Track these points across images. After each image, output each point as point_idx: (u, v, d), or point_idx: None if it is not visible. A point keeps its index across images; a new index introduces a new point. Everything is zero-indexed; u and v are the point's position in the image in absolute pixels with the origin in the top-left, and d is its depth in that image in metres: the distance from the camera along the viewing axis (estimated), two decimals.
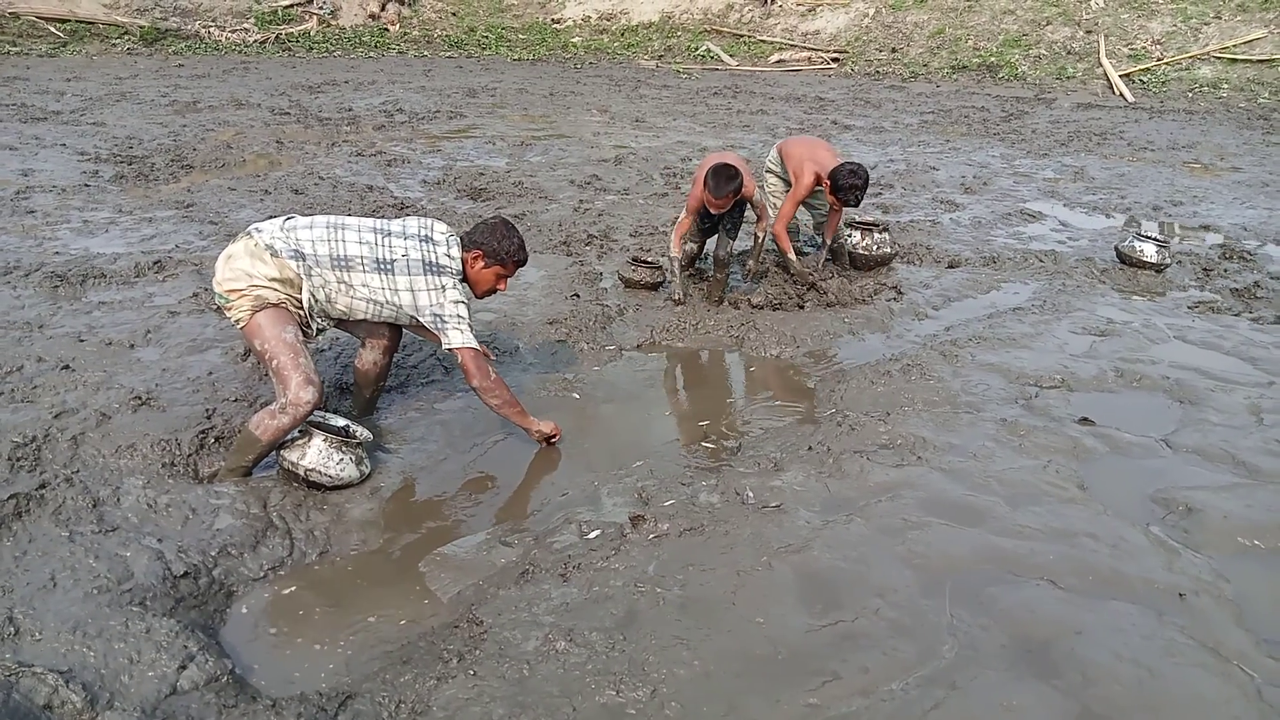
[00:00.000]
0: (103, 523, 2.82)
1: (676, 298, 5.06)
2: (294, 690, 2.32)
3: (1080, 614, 2.60)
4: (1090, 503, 3.18)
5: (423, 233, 3.29)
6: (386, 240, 3.24)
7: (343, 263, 3.19)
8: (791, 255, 5.31)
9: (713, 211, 4.81)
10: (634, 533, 2.93)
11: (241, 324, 3.16)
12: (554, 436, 3.58)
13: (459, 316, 3.26)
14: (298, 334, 3.18)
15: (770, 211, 5.59)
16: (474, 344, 3.28)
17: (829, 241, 5.58)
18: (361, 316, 3.35)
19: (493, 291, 3.45)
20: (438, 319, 3.26)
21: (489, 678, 2.30)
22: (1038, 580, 2.74)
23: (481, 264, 3.34)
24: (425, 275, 3.23)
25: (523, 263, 3.41)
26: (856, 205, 5.07)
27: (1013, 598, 2.67)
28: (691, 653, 2.40)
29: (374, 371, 3.64)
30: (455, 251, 3.30)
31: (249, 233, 3.20)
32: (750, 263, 5.31)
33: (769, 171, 5.76)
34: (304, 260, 3.16)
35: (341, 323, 3.45)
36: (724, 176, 4.60)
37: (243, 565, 2.78)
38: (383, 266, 3.21)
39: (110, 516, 2.87)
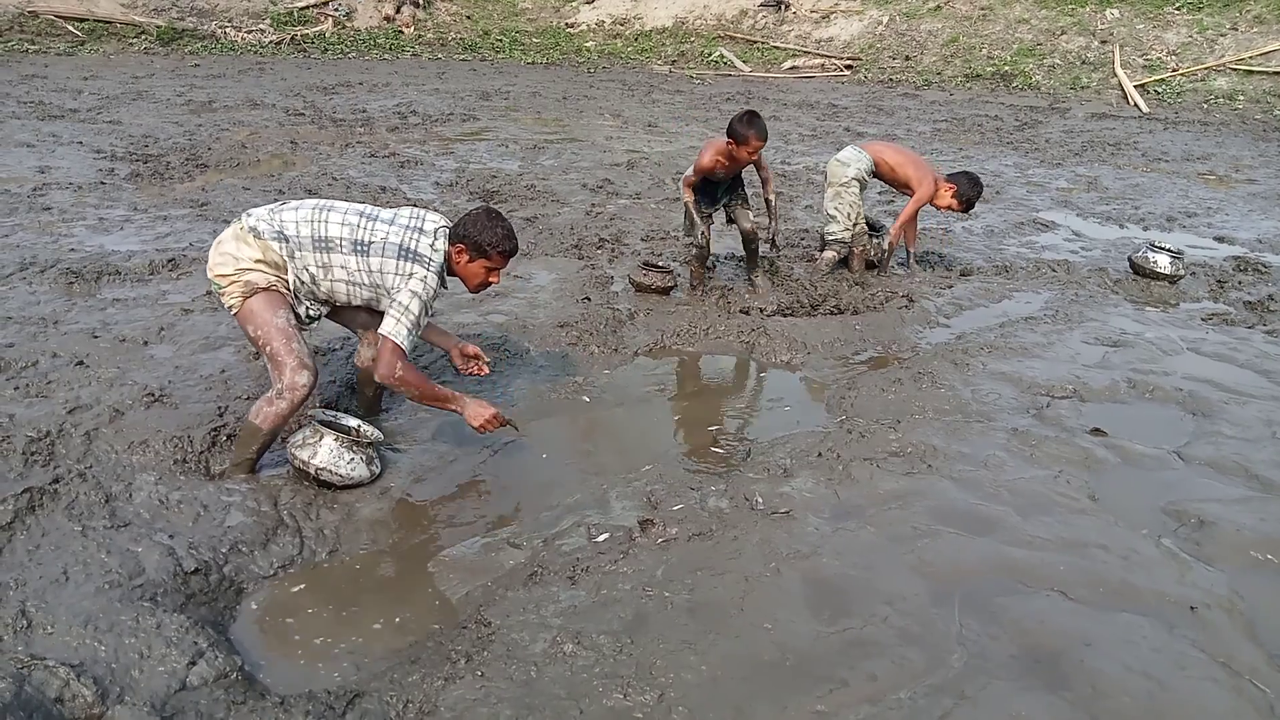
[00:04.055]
0: (115, 518, 2.84)
1: (698, 240, 5.16)
2: (302, 688, 2.32)
3: (1090, 625, 2.58)
4: (1101, 514, 3.16)
5: (414, 222, 3.22)
6: (370, 225, 3.18)
7: (323, 244, 3.15)
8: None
9: (745, 158, 4.81)
10: (642, 537, 2.94)
11: (234, 310, 3.15)
12: (490, 419, 3.22)
13: (405, 307, 3.12)
14: (290, 318, 3.16)
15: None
16: (400, 339, 3.10)
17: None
18: (344, 300, 3.28)
19: (485, 285, 3.33)
20: (391, 302, 3.15)
21: (496, 679, 2.31)
22: (1048, 591, 2.73)
23: (466, 258, 3.23)
24: (397, 260, 3.15)
25: (510, 253, 3.27)
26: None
27: (1022, 608, 2.65)
28: (699, 657, 2.40)
29: (372, 368, 3.64)
30: (441, 244, 3.21)
31: (239, 217, 3.20)
32: (772, 225, 5.25)
33: (854, 179, 5.64)
34: (287, 242, 3.13)
35: (336, 315, 3.44)
36: (757, 116, 4.63)
37: (253, 562, 2.79)
38: (359, 248, 3.16)
39: (122, 512, 2.88)
